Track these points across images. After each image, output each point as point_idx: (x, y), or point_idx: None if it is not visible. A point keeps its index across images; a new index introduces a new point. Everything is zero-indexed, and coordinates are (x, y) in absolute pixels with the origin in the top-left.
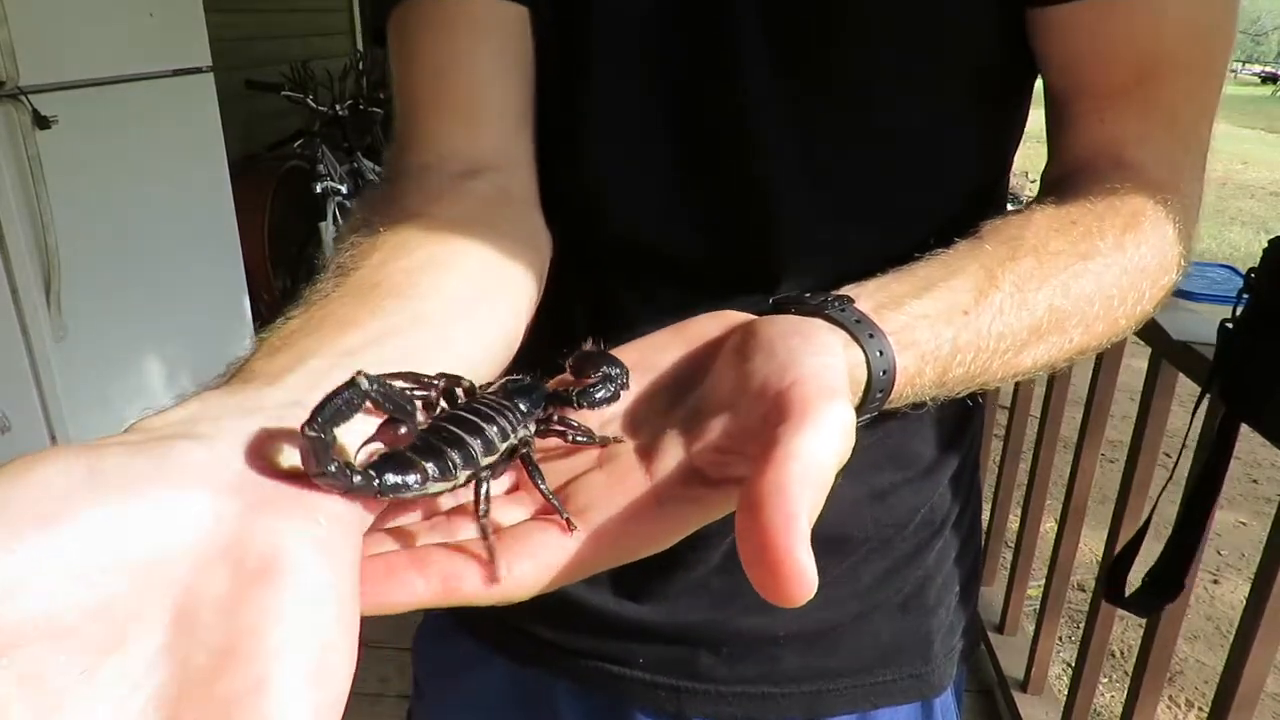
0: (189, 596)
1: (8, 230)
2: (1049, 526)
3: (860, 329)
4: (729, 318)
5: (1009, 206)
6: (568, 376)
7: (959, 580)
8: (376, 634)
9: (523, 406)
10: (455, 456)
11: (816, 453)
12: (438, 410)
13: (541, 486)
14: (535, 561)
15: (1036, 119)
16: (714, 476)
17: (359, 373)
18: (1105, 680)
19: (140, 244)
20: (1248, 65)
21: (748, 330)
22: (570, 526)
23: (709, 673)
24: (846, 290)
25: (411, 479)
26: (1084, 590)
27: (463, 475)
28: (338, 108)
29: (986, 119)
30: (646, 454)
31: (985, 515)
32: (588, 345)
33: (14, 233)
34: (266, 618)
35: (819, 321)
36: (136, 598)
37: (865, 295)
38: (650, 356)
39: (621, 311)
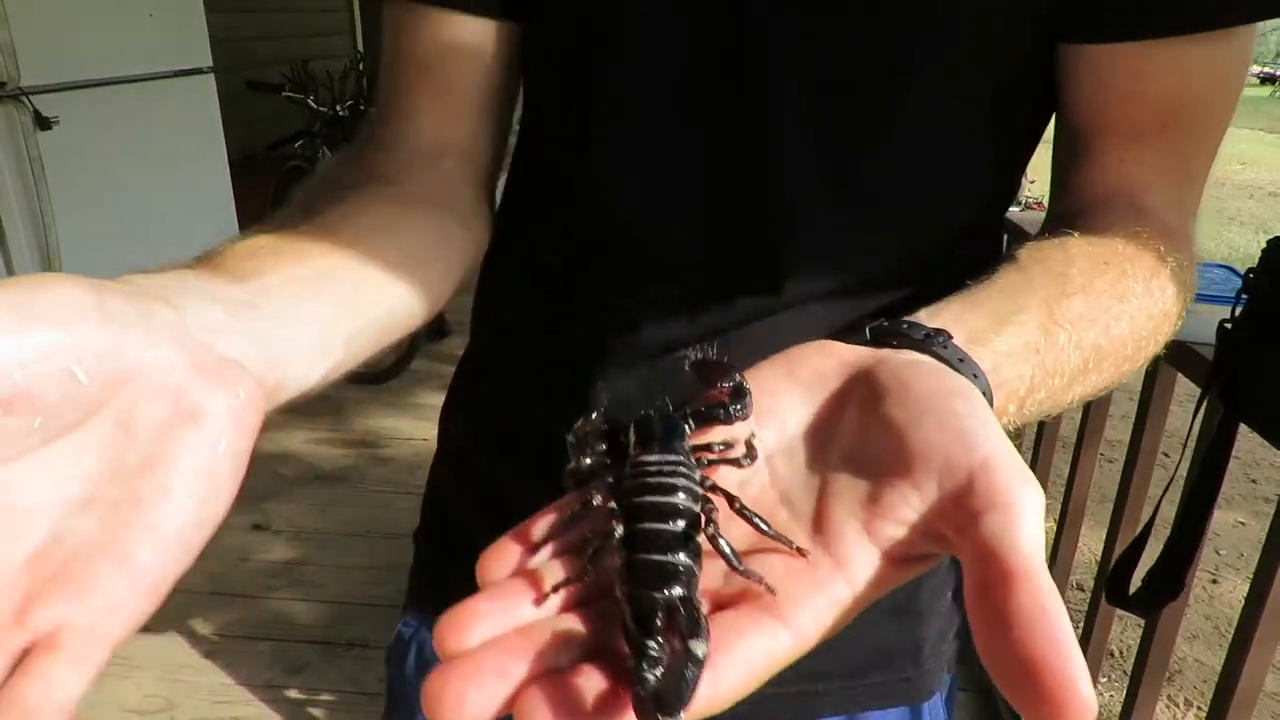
0: (135, 413)
1: (9, 229)
2: (1049, 526)
3: (965, 369)
4: (836, 351)
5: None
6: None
7: (951, 586)
8: (376, 636)
9: (684, 453)
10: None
11: (1040, 554)
12: (606, 480)
13: (739, 566)
14: (741, 670)
15: None
16: (898, 556)
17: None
18: (1105, 680)
19: (141, 244)
20: None
21: (882, 378)
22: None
23: None
24: (920, 317)
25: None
26: (1084, 590)
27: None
28: (338, 108)
29: (1005, 137)
30: (819, 530)
31: None
32: (692, 354)
33: (15, 232)
34: (183, 448)
35: (955, 374)
36: (100, 399)
37: (949, 327)
38: (764, 399)
39: (621, 310)
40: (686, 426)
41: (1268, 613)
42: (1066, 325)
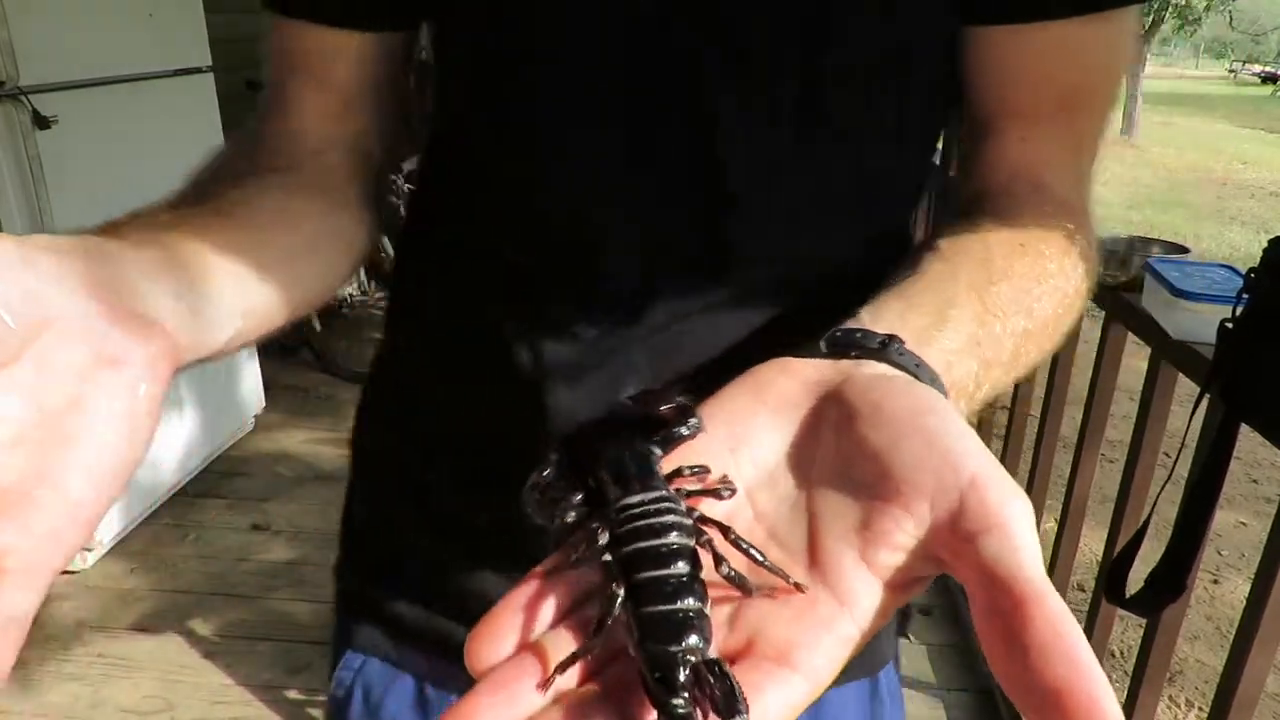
0: (56, 357)
1: (8, 228)
2: (1049, 526)
3: (923, 374)
4: (799, 370)
5: None
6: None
7: None
8: None
9: (665, 487)
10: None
11: (1043, 573)
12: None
13: (752, 591)
14: None
15: None
16: (897, 582)
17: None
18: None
19: None
20: (1248, 65)
21: (852, 398)
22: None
23: None
24: (864, 321)
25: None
26: (1084, 590)
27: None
28: None
29: (930, 123)
30: (815, 563)
31: None
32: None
33: (14, 231)
34: (105, 390)
35: (924, 387)
36: (23, 344)
37: (895, 329)
38: (735, 428)
39: (558, 305)
40: (656, 456)
41: (1269, 613)
42: (998, 314)
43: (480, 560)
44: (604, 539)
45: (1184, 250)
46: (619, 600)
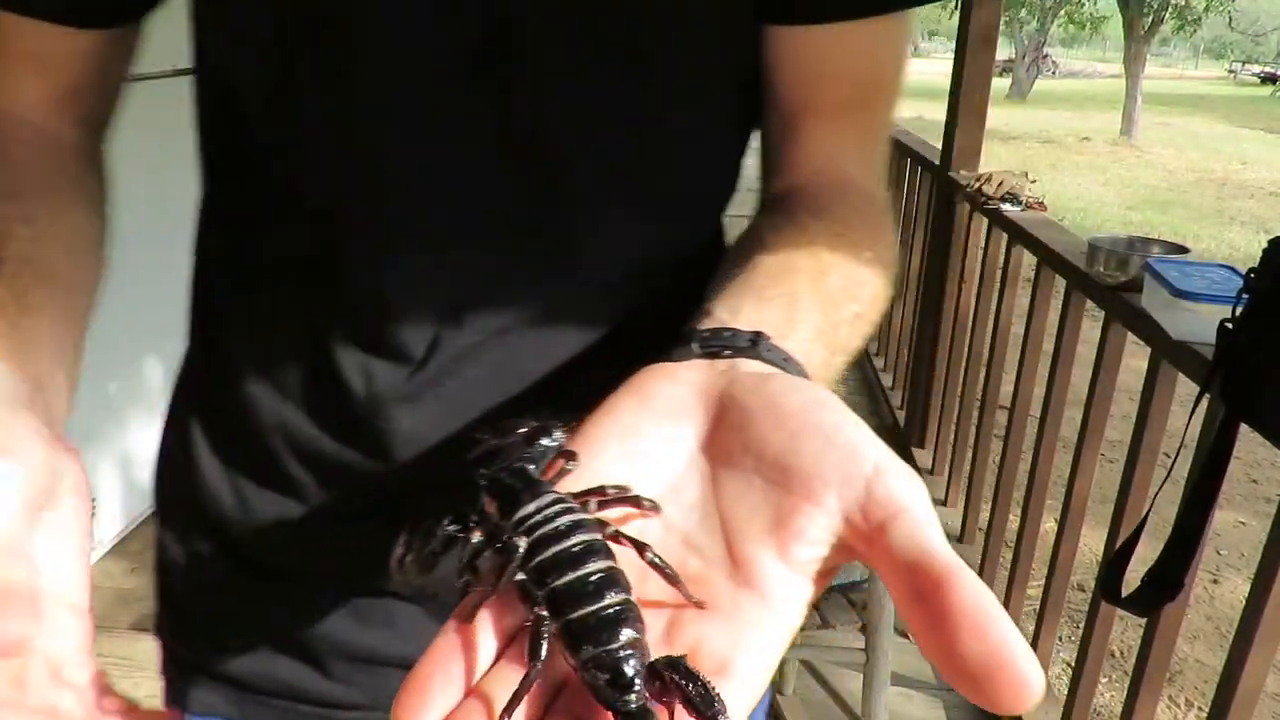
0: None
1: None
2: (1049, 526)
3: (791, 369)
4: (680, 375)
5: (1007, 206)
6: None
7: None
8: None
9: (554, 491)
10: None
11: (949, 548)
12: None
13: (680, 581)
14: None
15: (1015, 117)
16: (815, 574)
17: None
18: (1105, 680)
19: (139, 244)
20: (1248, 65)
21: (743, 399)
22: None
23: None
24: (724, 319)
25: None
26: (1084, 590)
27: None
28: None
29: (745, 121)
30: (737, 568)
31: (985, 515)
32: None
33: None
34: (63, 520)
35: (810, 384)
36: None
37: (755, 325)
38: (628, 439)
39: (373, 332)
40: (533, 469)
41: (1269, 613)
42: (835, 302)
43: (317, 603)
44: (513, 559)
45: (1184, 250)
46: (544, 617)
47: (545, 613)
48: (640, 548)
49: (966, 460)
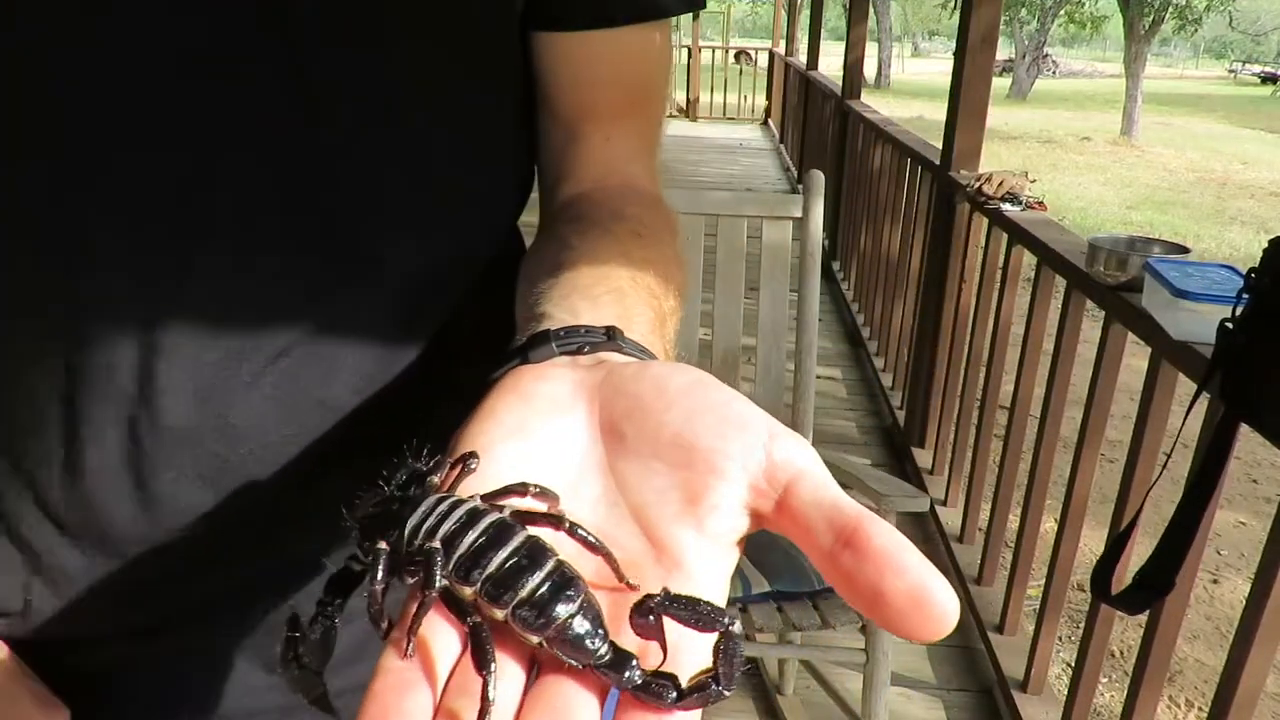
0: None
1: None
2: (1049, 526)
3: (646, 357)
4: (552, 373)
5: (1007, 206)
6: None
7: None
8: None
9: (440, 490)
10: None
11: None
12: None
13: (602, 545)
14: None
15: (1015, 117)
16: (734, 542)
17: None
18: (1105, 680)
19: None
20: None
21: (630, 387)
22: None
23: None
24: (565, 319)
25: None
26: (1084, 590)
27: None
28: None
29: (520, 141)
30: (660, 551)
31: (985, 515)
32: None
33: None
34: None
35: (688, 367)
36: None
37: (596, 323)
38: (520, 441)
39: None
40: (427, 485)
41: (1269, 613)
42: (655, 296)
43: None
44: (434, 562)
45: (1184, 250)
46: (480, 624)
47: (479, 619)
48: (556, 522)
49: (966, 460)
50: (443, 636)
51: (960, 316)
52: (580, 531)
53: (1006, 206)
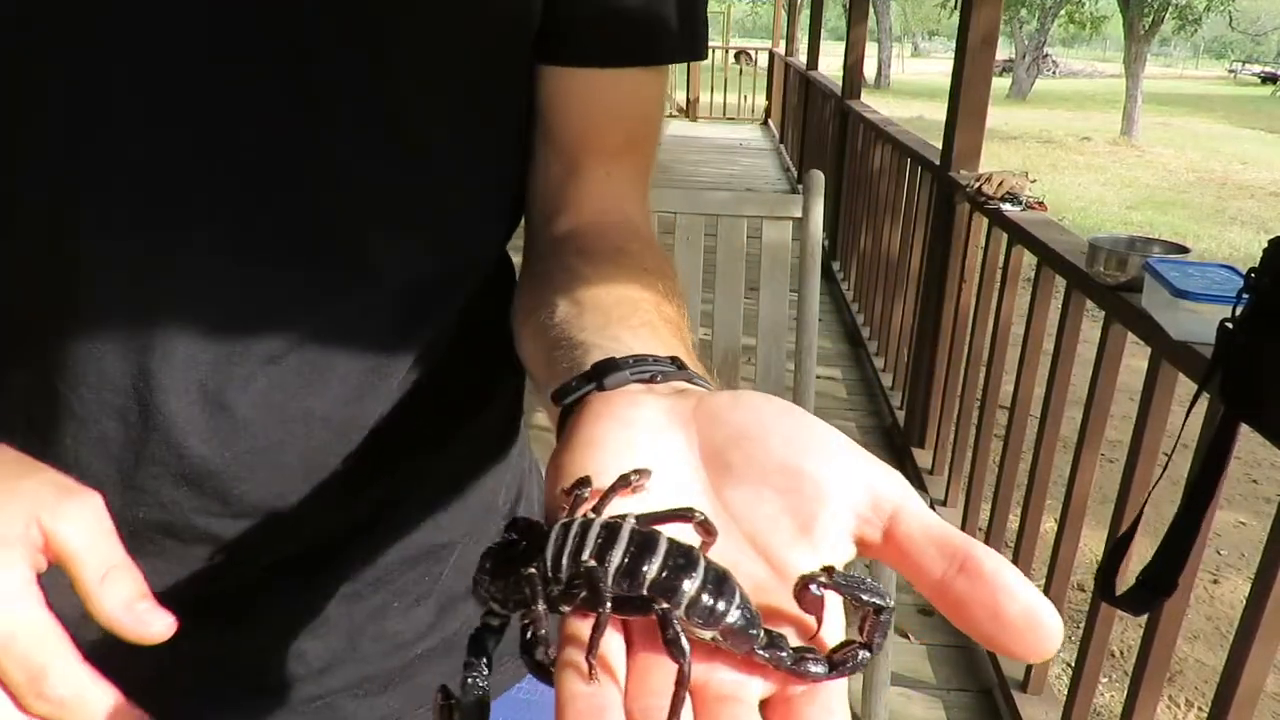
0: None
1: None
2: (1049, 526)
3: (709, 386)
4: (644, 400)
5: (1007, 206)
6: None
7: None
8: None
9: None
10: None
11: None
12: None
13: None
14: None
15: (1015, 117)
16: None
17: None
18: (1105, 680)
19: None
20: (1248, 65)
21: (727, 416)
22: None
23: (351, 717)
24: (612, 348)
25: None
26: (1084, 590)
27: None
28: None
29: (519, 155)
30: (784, 579)
31: (985, 515)
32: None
33: None
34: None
35: (783, 400)
36: None
37: (662, 351)
38: (625, 462)
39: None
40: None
41: (1269, 613)
42: (679, 329)
43: None
44: (598, 586)
45: (1184, 250)
46: (667, 610)
47: (664, 605)
48: (685, 516)
49: (966, 460)
50: (612, 645)
51: (960, 316)
52: (708, 524)
53: (1006, 206)
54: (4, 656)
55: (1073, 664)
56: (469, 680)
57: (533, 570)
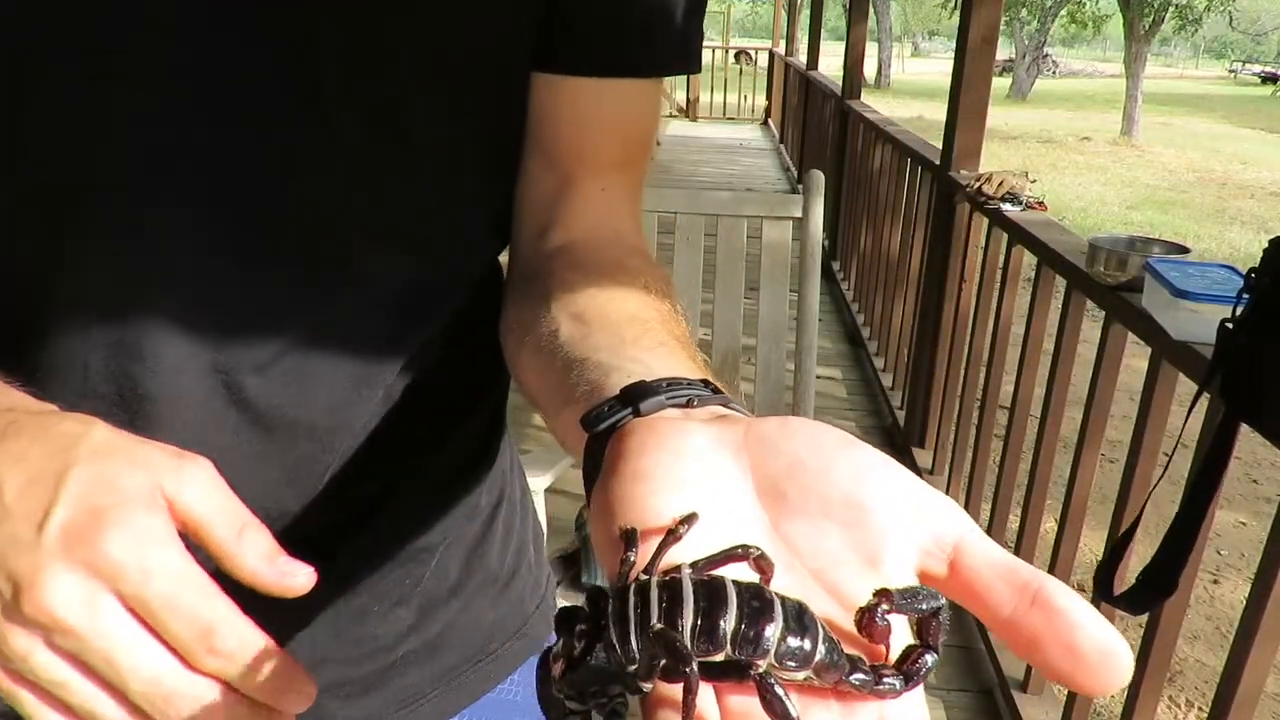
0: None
1: None
2: (1049, 526)
3: (740, 409)
4: (688, 427)
5: (1007, 206)
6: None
7: (530, 530)
8: None
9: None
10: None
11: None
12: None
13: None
14: None
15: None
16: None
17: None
18: None
19: None
20: (1248, 65)
21: (781, 444)
22: None
23: (333, 718)
24: (637, 371)
25: None
26: (1084, 590)
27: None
28: None
29: (507, 172)
30: (848, 609)
31: (985, 515)
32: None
33: None
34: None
35: (834, 428)
36: None
37: (674, 374)
38: (687, 498)
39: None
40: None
41: (1269, 613)
42: (689, 347)
43: None
44: (677, 648)
45: (1184, 250)
46: (767, 674)
47: (759, 666)
48: (742, 555)
49: (966, 460)
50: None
51: (960, 316)
52: (764, 560)
53: (1006, 206)
54: (172, 616)
55: None
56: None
57: (603, 657)
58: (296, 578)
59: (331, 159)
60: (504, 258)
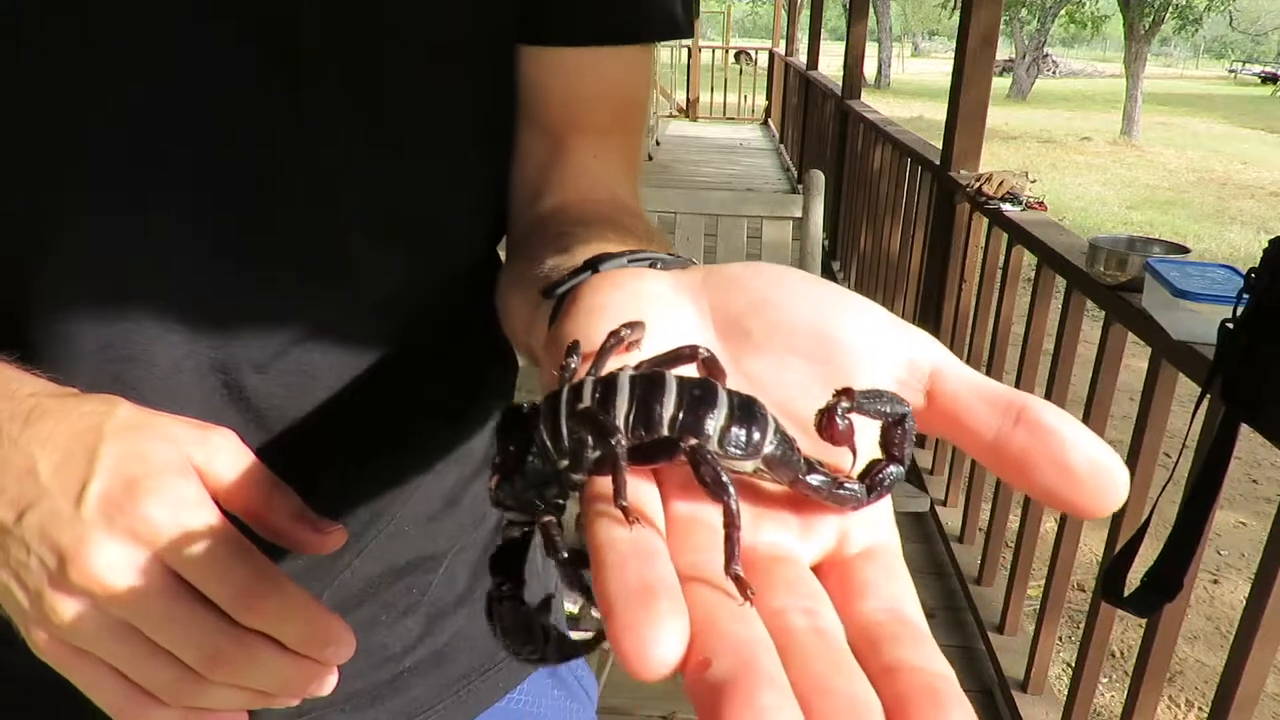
0: None
1: None
2: (1049, 526)
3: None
4: (643, 274)
5: (1007, 206)
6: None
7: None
8: None
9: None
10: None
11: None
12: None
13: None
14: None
15: (1015, 117)
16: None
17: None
18: (1105, 680)
19: None
20: (1248, 65)
21: (746, 284)
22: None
23: None
24: (618, 252)
25: None
26: (1084, 590)
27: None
28: None
29: (502, 160)
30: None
31: (985, 515)
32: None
33: None
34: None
35: (796, 269)
36: None
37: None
38: (643, 330)
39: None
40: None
41: (1269, 613)
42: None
43: None
44: (606, 425)
45: (1184, 250)
46: (701, 446)
47: (691, 441)
48: (690, 358)
49: (966, 460)
50: (645, 494)
51: (960, 316)
52: (713, 361)
53: (1006, 206)
54: (213, 575)
55: (1073, 664)
56: (502, 601)
57: (533, 455)
58: (329, 534)
59: (323, 157)
60: (502, 251)
